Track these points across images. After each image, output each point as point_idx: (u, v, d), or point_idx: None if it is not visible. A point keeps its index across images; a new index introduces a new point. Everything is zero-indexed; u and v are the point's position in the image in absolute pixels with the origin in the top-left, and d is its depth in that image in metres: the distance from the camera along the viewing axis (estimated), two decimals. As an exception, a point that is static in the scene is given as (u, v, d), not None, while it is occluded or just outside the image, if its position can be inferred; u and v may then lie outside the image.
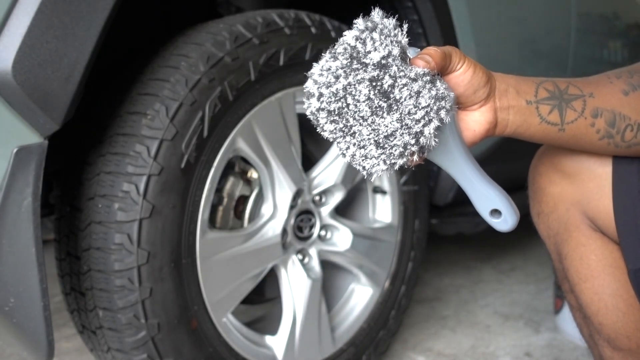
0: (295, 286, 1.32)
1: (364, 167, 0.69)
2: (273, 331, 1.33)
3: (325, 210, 1.38)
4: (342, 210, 1.51)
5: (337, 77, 0.66)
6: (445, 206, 1.75)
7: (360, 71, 0.65)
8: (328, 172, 1.36)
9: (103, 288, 1.05)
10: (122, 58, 1.23)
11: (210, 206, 1.16)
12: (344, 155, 0.69)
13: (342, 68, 0.66)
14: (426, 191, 1.59)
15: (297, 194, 1.30)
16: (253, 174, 1.29)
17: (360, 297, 1.49)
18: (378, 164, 0.68)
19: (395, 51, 0.65)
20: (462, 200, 1.81)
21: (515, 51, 1.86)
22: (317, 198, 1.36)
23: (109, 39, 0.98)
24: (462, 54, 0.75)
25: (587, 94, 0.79)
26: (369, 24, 0.65)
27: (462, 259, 2.54)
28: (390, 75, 0.65)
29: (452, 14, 1.55)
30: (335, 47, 0.67)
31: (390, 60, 0.65)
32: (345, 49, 0.66)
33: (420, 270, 1.61)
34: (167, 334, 1.08)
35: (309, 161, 1.41)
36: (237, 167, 1.28)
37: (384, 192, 1.50)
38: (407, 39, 0.67)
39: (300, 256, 1.35)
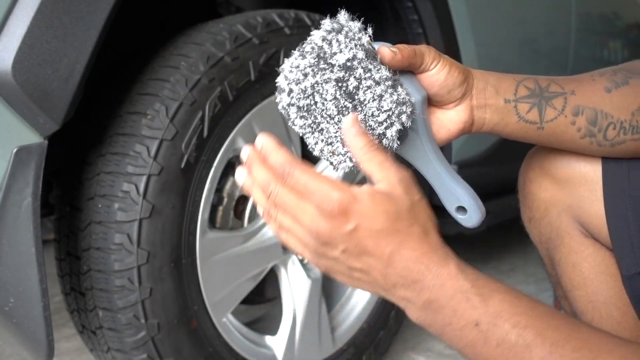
0: (295, 286, 1.32)
1: (331, 163, 0.71)
2: (273, 331, 1.33)
3: (325, 210, 1.37)
4: (342, 210, 1.50)
5: (305, 75, 0.67)
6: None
7: (327, 71, 0.67)
8: (328, 172, 1.36)
9: (103, 288, 1.05)
10: (122, 58, 1.22)
11: (210, 206, 1.15)
12: (312, 149, 0.71)
13: (310, 67, 0.67)
14: (426, 191, 1.58)
15: (297, 194, 1.30)
16: (253, 174, 1.28)
17: (360, 297, 1.49)
18: (345, 161, 0.70)
19: (360, 54, 0.66)
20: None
21: (515, 51, 1.86)
22: (317, 198, 1.36)
23: (109, 39, 0.98)
24: (437, 53, 0.74)
25: (568, 92, 0.78)
26: (335, 26, 0.67)
27: (462, 259, 2.54)
28: (355, 77, 0.66)
29: (452, 14, 1.55)
30: (303, 46, 0.68)
31: (355, 62, 0.66)
32: (312, 48, 0.67)
33: (420, 270, 1.61)
34: (167, 334, 1.08)
35: (309, 161, 1.41)
36: (237, 167, 1.27)
37: (384, 192, 1.49)
38: (371, 43, 0.68)
39: (300, 256, 1.35)
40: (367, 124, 0.68)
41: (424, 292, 0.63)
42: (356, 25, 0.67)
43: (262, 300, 1.48)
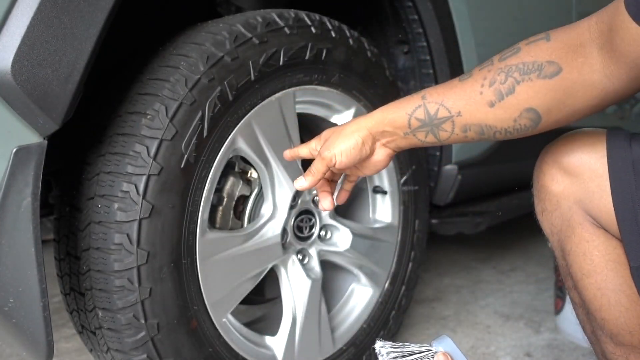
0: (295, 286, 1.32)
1: None
2: (273, 331, 1.33)
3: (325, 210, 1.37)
4: (342, 210, 1.50)
5: None
6: (445, 206, 1.75)
7: None
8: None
9: (102, 288, 1.05)
10: (122, 58, 1.22)
11: (210, 206, 1.15)
12: None
13: None
14: (426, 191, 1.59)
15: (297, 194, 1.30)
16: (253, 174, 1.28)
17: (360, 297, 1.49)
18: None
19: None
20: (462, 200, 1.81)
21: (515, 51, 1.85)
22: (317, 198, 1.36)
23: (109, 39, 0.98)
24: (328, 154, 0.97)
25: (455, 114, 0.89)
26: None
27: (462, 259, 2.54)
28: None
29: (452, 14, 1.55)
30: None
31: None
32: None
33: (420, 270, 1.61)
34: (167, 334, 1.08)
35: (309, 162, 1.41)
36: (237, 167, 1.27)
37: (384, 192, 1.49)
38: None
39: (300, 256, 1.35)
40: None
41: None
42: None
43: (262, 300, 1.48)
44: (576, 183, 0.93)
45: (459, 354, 0.83)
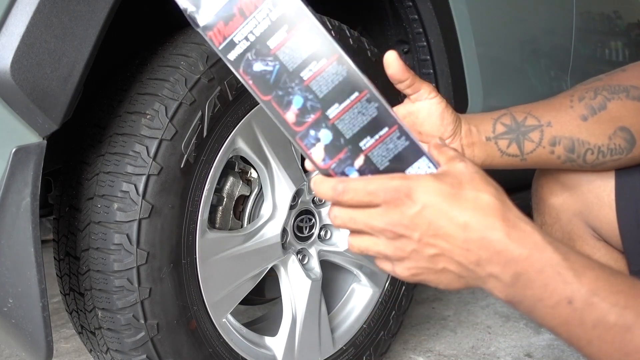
0: (295, 287, 1.32)
1: None
2: (273, 332, 1.33)
3: (325, 210, 1.37)
4: (342, 211, 1.50)
5: None
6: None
7: None
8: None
9: (102, 288, 1.04)
10: (121, 58, 1.22)
11: (210, 206, 1.15)
12: None
13: None
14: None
15: (297, 194, 1.30)
16: (253, 174, 1.28)
17: (360, 297, 1.49)
18: None
19: None
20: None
21: (515, 51, 1.85)
22: (317, 198, 1.36)
23: (109, 38, 0.98)
24: (434, 88, 0.85)
25: (544, 124, 0.82)
26: None
27: (463, 259, 2.54)
28: None
29: (452, 13, 1.55)
30: None
31: None
32: None
33: (420, 270, 1.60)
34: (167, 334, 1.08)
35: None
36: (236, 167, 1.27)
37: (384, 192, 1.49)
38: None
39: (300, 256, 1.34)
40: None
41: (509, 264, 0.57)
42: None
43: (262, 300, 1.48)
44: (574, 195, 0.93)
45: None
